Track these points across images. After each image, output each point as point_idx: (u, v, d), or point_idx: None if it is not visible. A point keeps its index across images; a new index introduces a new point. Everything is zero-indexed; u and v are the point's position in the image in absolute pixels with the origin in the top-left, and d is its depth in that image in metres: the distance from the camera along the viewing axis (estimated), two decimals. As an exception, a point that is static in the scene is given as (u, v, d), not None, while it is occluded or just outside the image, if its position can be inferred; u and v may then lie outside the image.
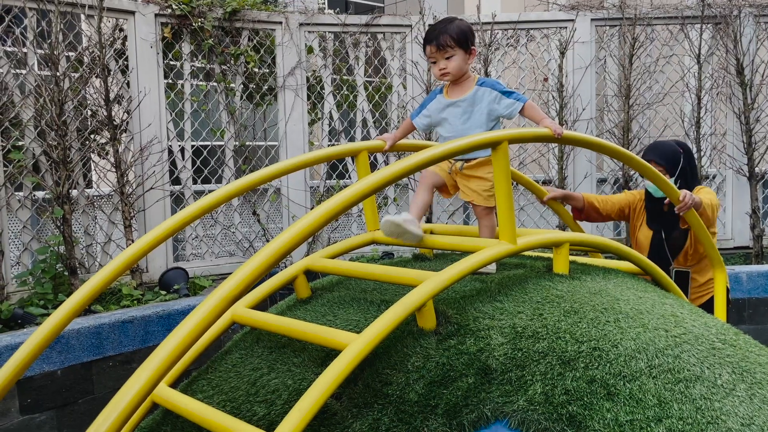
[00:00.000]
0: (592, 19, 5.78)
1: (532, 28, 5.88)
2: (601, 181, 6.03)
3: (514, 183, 3.39)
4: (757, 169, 5.65)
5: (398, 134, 2.71)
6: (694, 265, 3.39)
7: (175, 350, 1.58)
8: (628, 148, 5.65)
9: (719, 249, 3.38)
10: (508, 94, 2.40)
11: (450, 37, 2.36)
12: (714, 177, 5.98)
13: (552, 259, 2.39)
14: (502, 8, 11.73)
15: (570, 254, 2.43)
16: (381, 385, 1.81)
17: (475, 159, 2.43)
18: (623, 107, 5.75)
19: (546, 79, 5.93)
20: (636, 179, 5.84)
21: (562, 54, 5.72)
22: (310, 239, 5.55)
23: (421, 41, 5.66)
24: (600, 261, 2.82)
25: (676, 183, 3.30)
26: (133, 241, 4.63)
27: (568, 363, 1.78)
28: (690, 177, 3.38)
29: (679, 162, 3.32)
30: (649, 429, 1.62)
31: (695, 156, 5.72)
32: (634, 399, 1.69)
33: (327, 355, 1.94)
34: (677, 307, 2.18)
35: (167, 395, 2.00)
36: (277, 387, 1.95)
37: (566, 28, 5.76)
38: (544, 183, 5.86)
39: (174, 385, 2.28)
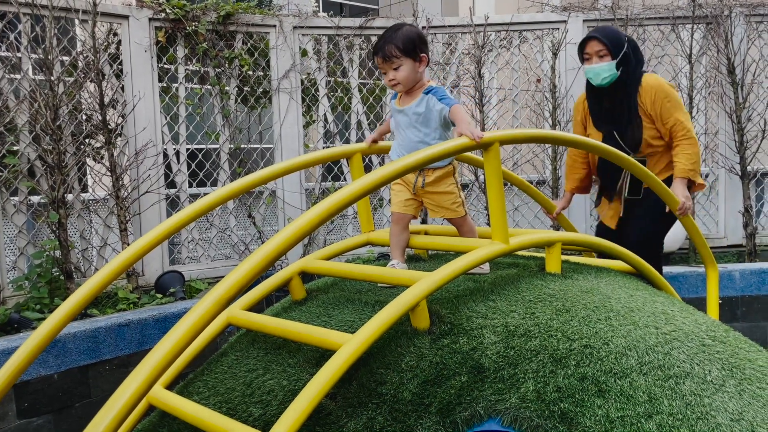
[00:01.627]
0: (584, 20, 5.82)
1: (524, 30, 5.91)
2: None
3: (509, 183, 3.42)
4: (749, 168, 5.69)
5: (376, 134, 2.74)
6: (651, 154, 3.41)
7: (170, 352, 1.60)
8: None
9: (711, 247, 3.41)
10: (441, 99, 2.36)
11: (395, 47, 2.31)
12: (707, 176, 6.02)
13: (544, 258, 2.41)
14: (495, 10, 11.78)
15: (564, 254, 2.46)
16: (375, 384, 1.83)
17: (432, 171, 2.43)
18: (616, 107, 5.78)
19: (539, 80, 5.96)
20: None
21: (555, 55, 5.75)
22: (306, 241, 5.57)
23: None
24: (593, 260, 2.85)
25: (618, 68, 3.27)
26: (128, 245, 4.64)
27: (560, 361, 1.80)
28: (634, 65, 3.33)
29: (622, 47, 3.27)
30: (639, 425, 1.64)
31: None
32: (625, 395, 1.71)
33: (322, 355, 1.96)
34: (668, 305, 2.21)
35: (163, 397, 2.01)
36: (272, 388, 1.97)
37: (558, 29, 5.80)
38: (538, 184, 5.89)
39: (170, 387, 2.29)
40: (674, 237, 5.38)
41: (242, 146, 5.51)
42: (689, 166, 3.23)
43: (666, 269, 4.93)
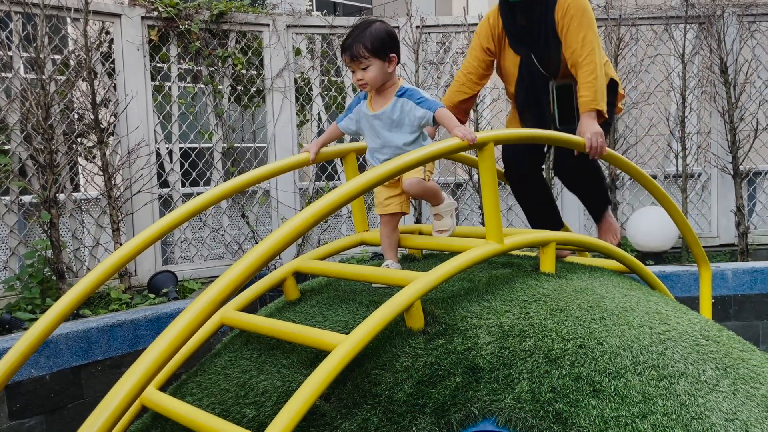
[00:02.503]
0: (577, 20, 5.81)
1: (518, 29, 5.90)
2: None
3: (503, 183, 3.42)
4: (741, 167, 5.71)
5: (322, 140, 2.58)
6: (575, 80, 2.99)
7: (163, 353, 1.59)
8: (614, 147, 5.69)
9: (704, 246, 3.41)
10: (421, 102, 2.27)
11: (364, 47, 2.22)
12: (699, 175, 6.05)
13: (539, 257, 2.41)
14: (489, 9, 11.77)
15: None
16: (370, 385, 1.82)
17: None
18: (609, 107, 5.79)
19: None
20: (622, 177, 5.89)
21: (549, 54, 5.75)
22: (300, 240, 5.56)
23: (408, 43, 5.69)
24: (587, 260, 2.85)
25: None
26: (121, 245, 4.62)
27: (555, 361, 1.80)
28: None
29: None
30: (634, 425, 1.64)
31: (680, 154, 5.79)
32: (620, 395, 1.71)
33: (316, 356, 1.95)
34: (662, 305, 2.21)
35: (156, 398, 2.00)
36: (266, 389, 1.96)
37: (552, 28, 5.80)
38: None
39: (163, 388, 2.28)
40: (667, 236, 5.40)
41: (235, 145, 5.49)
42: (592, 95, 2.75)
43: (659, 268, 4.95)
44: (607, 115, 2.82)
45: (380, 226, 2.49)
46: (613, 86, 3.01)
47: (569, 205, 5.83)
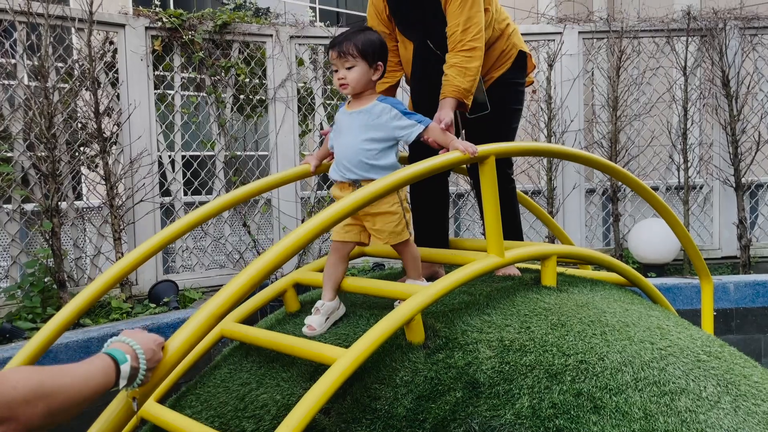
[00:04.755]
0: (579, 32, 5.84)
1: (520, 41, 5.92)
2: (590, 192, 6.07)
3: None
4: (743, 180, 5.71)
5: (322, 153, 2.53)
6: None
7: (162, 367, 1.58)
8: (615, 160, 5.70)
9: (706, 259, 3.41)
10: (408, 114, 2.19)
11: (354, 46, 2.16)
12: (701, 187, 6.04)
13: (540, 270, 2.41)
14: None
15: (559, 265, 2.45)
16: (369, 399, 1.81)
17: (369, 182, 2.09)
18: (611, 119, 5.81)
19: (534, 91, 5.98)
20: (624, 189, 5.89)
21: (551, 66, 5.77)
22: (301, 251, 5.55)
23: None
24: (588, 273, 2.85)
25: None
26: (122, 254, 4.62)
27: (555, 376, 1.79)
28: None
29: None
30: (635, 442, 1.63)
31: (682, 166, 5.79)
32: (621, 412, 1.70)
33: (316, 369, 1.95)
34: (663, 320, 2.20)
35: (155, 411, 1.99)
36: (265, 402, 1.95)
37: (554, 40, 5.82)
38: (533, 194, 5.90)
39: (163, 400, 2.27)
40: (669, 248, 5.40)
41: (238, 154, 5.50)
42: (464, 83, 2.46)
43: (660, 281, 4.94)
44: (468, 111, 2.56)
45: (329, 253, 2.29)
46: (522, 58, 2.81)
47: (570, 217, 5.83)
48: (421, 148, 2.39)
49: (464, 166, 2.78)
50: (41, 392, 0.91)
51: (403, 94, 4.81)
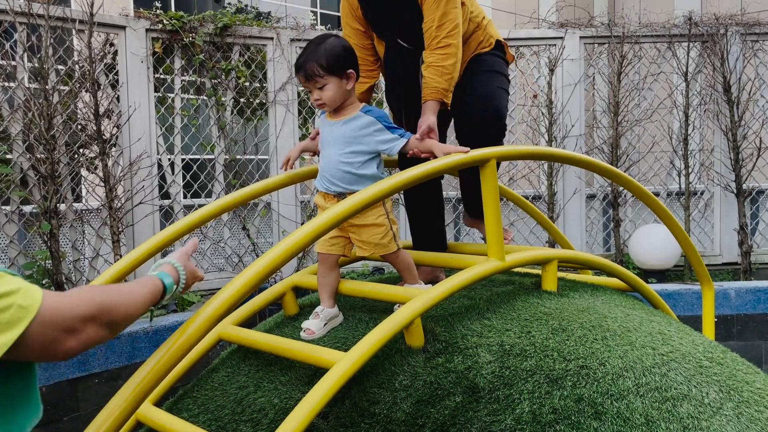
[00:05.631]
0: (581, 37, 5.84)
1: (521, 45, 5.93)
2: (591, 197, 6.06)
3: (504, 199, 3.41)
4: (744, 186, 5.70)
5: (305, 144, 2.52)
6: None
7: (159, 369, 1.57)
8: (616, 165, 5.69)
9: (707, 265, 3.39)
10: (392, 129, 2.16)
11: (318, 65, 2.07)
12: (702, 193, 6.03)
13: (540, 275, 2.39)
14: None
15: (559, 270, 2.44)
16: (368, 403, 1.79)
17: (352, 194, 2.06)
18: (612, 124, 5.80)
19: (535, 96, 5.97)
20: (625, 195, 5.88)
21: (552, 71, 5.77)
22: (300, 254, 5.54)
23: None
24: (588, 277, 2.83)
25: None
26: (121, 256, 4.60)
27: (556, 381, 1.77)
28: None
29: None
30: (636, 448, 1.61)
31: (683, 172, 5.77)
32: (622, 418, 1.68)
33: (314, 373, 1.93)
34: (664, 325, 2.19)
35: (152, 414, 1.97)
36: (263, 406, 1.93)
37: (555, 45, 5.82)
38: (534, 199, 5.89)
39: (160, 403, 2.25)
40: (669, 254, 5.38)
41: (238, 157, 5.49)
42: (441, 83, 2.38)
43: (661, 286, 4.92)
44: (450, 108, 2.47)
45: (318, 263, 2.30)
46: (499, 46, 2.69)
47: (571, 222, 5.81)
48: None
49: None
50: (101, 309, 1.13)
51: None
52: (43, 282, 4.33)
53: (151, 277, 1.47)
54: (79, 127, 4.82)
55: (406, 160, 2.43)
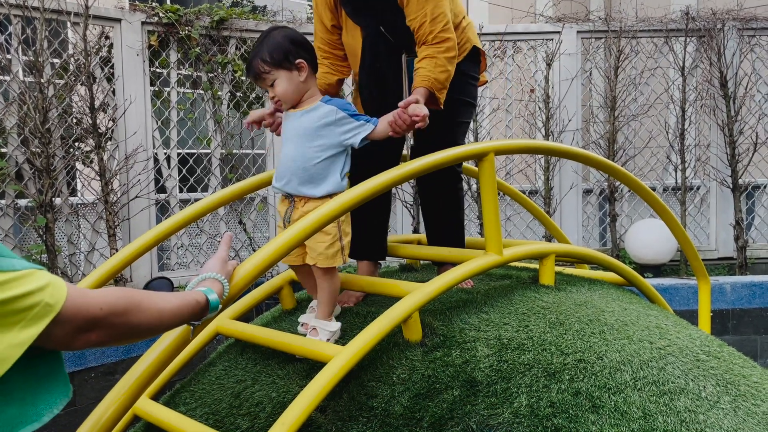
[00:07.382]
0: (578, 32, 5.83)
1: (518, 40, 5.92)
2: (587, 192, 6.07)
3: (501, 193, 3.41)
4: (740, 181, 5.71)
5: (262, 111, 2.29)
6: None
7: (157, 363, 1.56)
8: (612, 160, 5.69)
9: (703, 260, 3.40)
10: (356, 116, 2.01)
11: (262, 62, 1.96)
12: (698, 188, 6.04)
13: (538, 269, 2.39)
14: (489, 20, 11.82)
15: (556, 264, 2.44)
16: (366, 397, 1.79)
17: (303, 201, 2.02)
18: (609, 118, 5.80)
19: (533, 90, 5.97)
20: (621, 189, 5.88)
21: (549, 65, 5.76)
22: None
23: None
24: (586, 272, 2.83)
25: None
26: (117, 250, 4.59)
27: (554, 375, 1.78)
28: None
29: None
30: (634, 442, 1.62)
31: (679, 167, 5.78)
32: (619, 411, 1.68)
33: (312, 367, 1.93)
34: (662, 319, 2.19)
35: (149, 408, 1.97)
36: (261, 399, 1.93)
37: (552, 40, 5.81)
38: (531, 193, 5.89)
39: (157, 396, 2.25)
40: (666, 249, 5.39)
41: (234, 151, 5.47)
42: (435, 74, 2.23)
43: (657, 281, 4.93)
44: (442, 107, 2.32)
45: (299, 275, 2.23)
46: (475, 54, 2.56)
47: (568, 217, 5.82)
48: (369, 162, 2.24)
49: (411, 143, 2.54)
50: (123, 310, 1.12)
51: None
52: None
53: (195, 291, 1.43)
54: (75, 120, 4.80)
55: (420, 147, 2.36)
